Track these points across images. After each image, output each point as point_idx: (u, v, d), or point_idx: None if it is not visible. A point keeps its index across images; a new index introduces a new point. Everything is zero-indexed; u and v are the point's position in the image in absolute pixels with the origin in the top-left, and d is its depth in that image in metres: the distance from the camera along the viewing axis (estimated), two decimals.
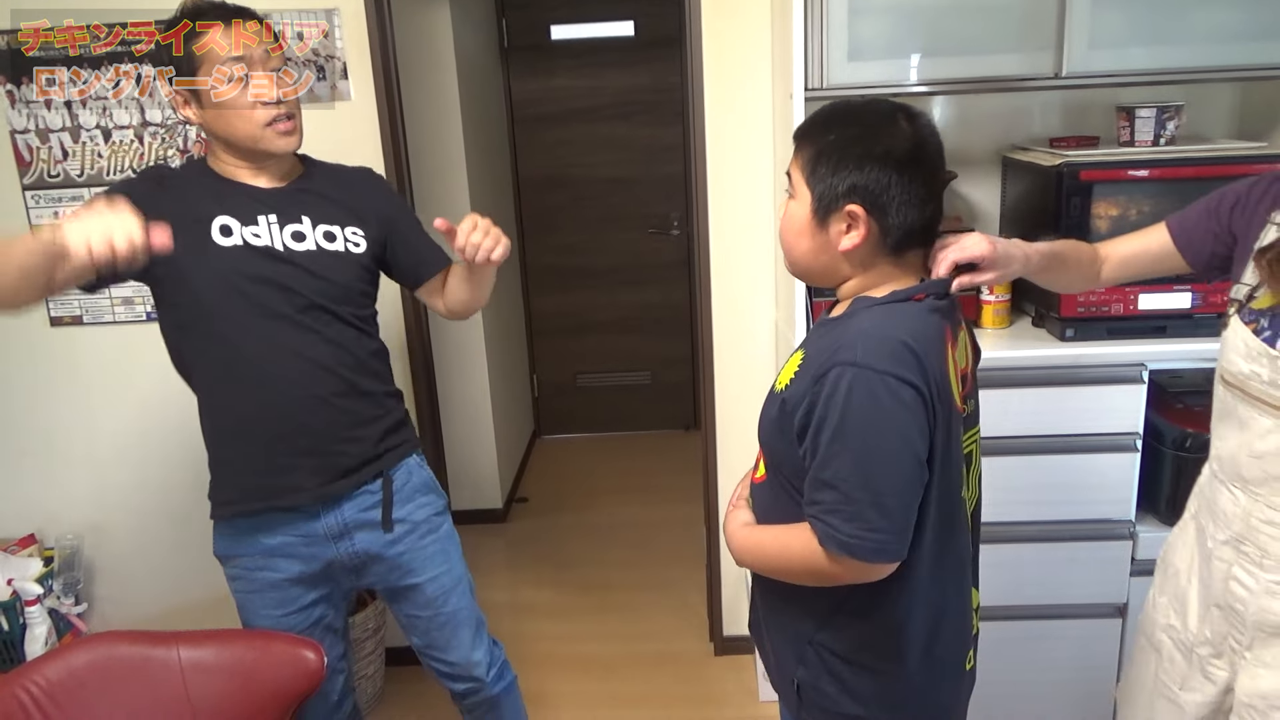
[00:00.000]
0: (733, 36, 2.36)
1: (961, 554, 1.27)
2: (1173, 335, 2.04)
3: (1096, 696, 2.22)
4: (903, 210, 1.16)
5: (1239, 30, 1.95)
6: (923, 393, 1.11)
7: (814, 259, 1.24)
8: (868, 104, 1.21)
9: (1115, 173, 1.97)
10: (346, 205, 1.71)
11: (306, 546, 1.73)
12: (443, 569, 1.83)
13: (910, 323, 1.16)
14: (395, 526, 1.76)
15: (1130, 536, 2.10)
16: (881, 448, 1.11)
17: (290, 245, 1.63)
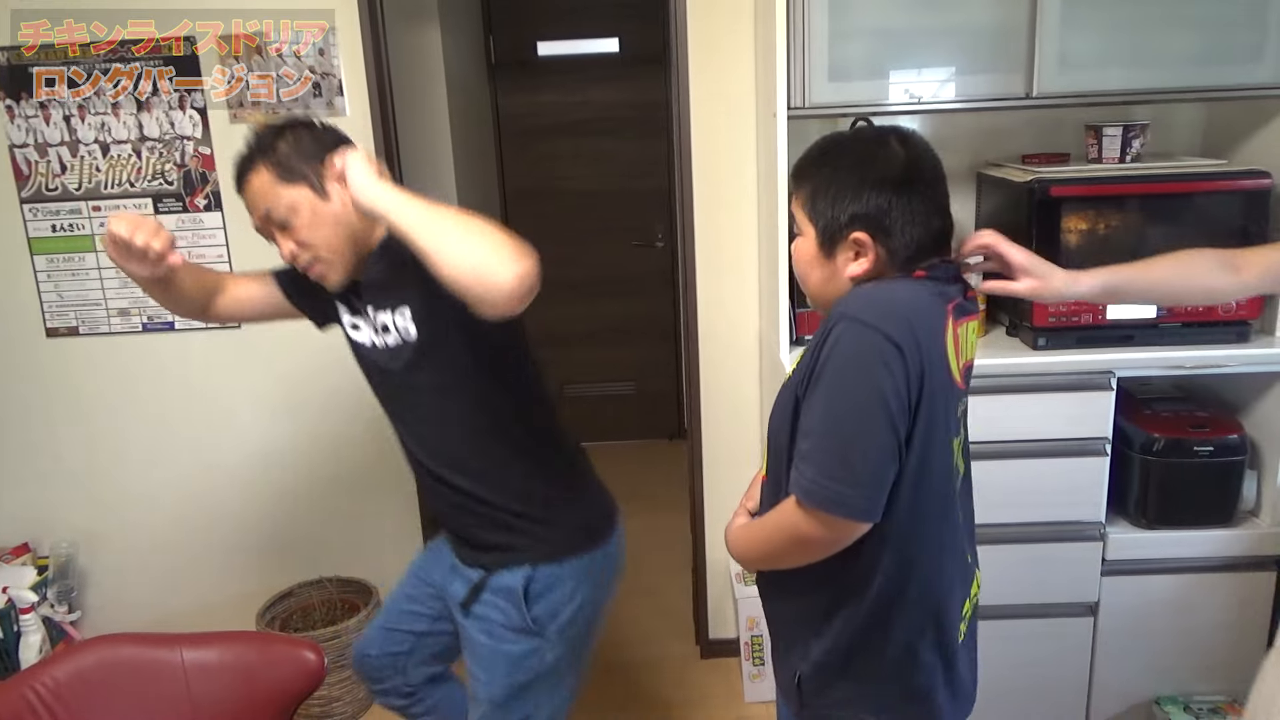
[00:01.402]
0: (717, 55, 2.44)
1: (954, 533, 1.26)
2: (1140, 344, 2.12)
3: (1068, 693, 2.29)
4: (907, 230, 1.18)
5: (1201, 54, 2.05)
6: (905, 354, 1.11)
7: (826, 287, 1.26)
8: (857, 133, 1.24)
9: (1084, 189, 2.06)
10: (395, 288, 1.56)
11: (442, 555, 1.78)
12: (480, 676, 1.69)
13: (906, 292, 1.18)
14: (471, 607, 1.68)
15: (1101, 538, 2.18)
16: (854, 398, 1.12)
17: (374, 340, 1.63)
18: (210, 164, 2.47)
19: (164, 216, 2.51)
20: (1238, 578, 2.20)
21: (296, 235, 1.50)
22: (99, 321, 2.59)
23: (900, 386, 1.11)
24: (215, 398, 2.65)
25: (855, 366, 1.12)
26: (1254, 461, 2.20)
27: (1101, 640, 2.25)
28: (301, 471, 2.72)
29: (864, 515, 1.14)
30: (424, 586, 1.84)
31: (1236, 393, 2.26)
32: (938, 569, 1.26)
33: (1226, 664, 2.25)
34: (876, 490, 1.14)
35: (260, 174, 1.49)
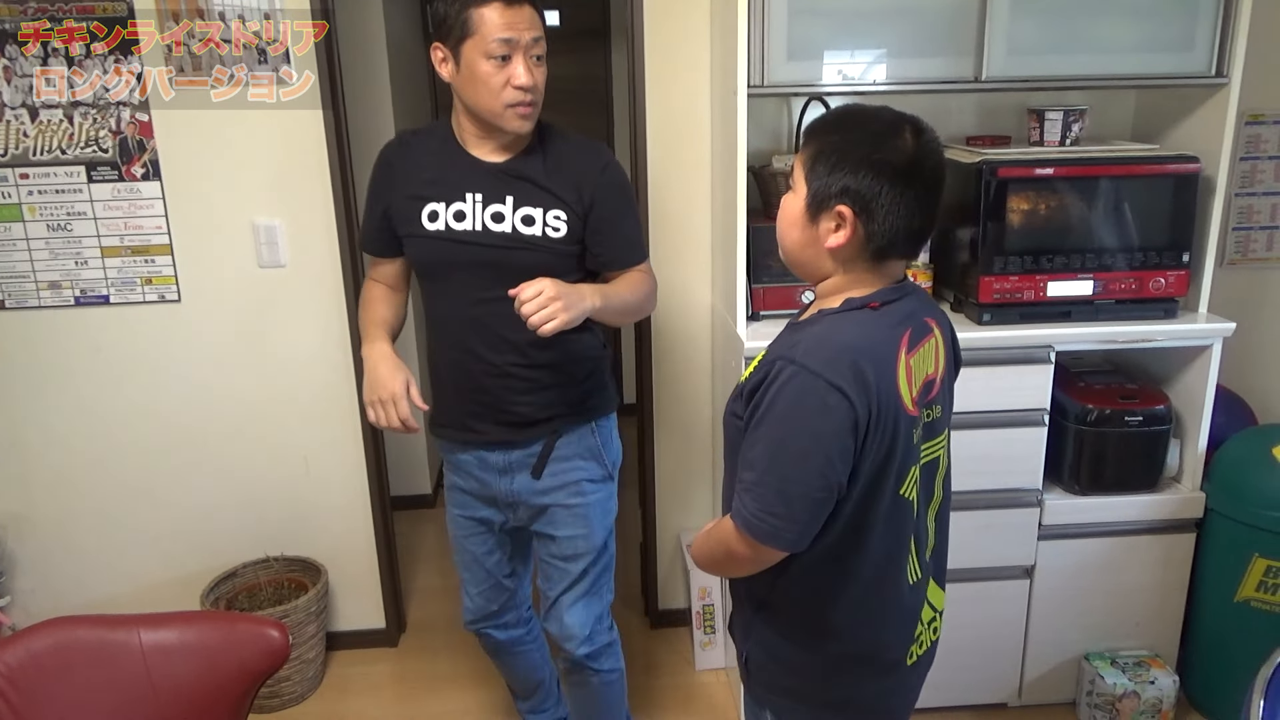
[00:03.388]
0: (671, 31, 2.45)
1: (896, 552, 1.30)
2: (1076, 319, 2.23)
3: (1004, 652, 2.41)
4: (889, 219, 1.19)
5: (1136, 43, 2.15)
6: (852, 401, 1.15)
7: (801, 250, 1.28)
8: (880, 112, 1.24)
9: (1029, 170, 2.15)
10: (556, 188, 1.76)
11: (480, 470, 1.92)
12: (579, 532, 1.93)
13: (860, 330, 1.21)
14: (545, 478, 1.90)
15: (1038, 504, 2.29)
16: (795, 442, 1.17)
17: (489, 225, 1.75)
18: (148, 130, 2.37)
19: (97, 185, 2.41)
20: (1161, 539, 2.34)
21: (537, 73, 1.68)
22: (27, 295, 2.48)
23: (841, 427, 1.16)
24: (150, 373, 2.56)
25: (799, 413, 1.17)
26: (1177, 430, 2.34)
27: (1036, 601, 2.37)
28: (242, 449, 2.65)
29: (794, 547, 1.23)
30: (480, 528, 1.99)
31: (1162, 365, 2.40)
32: (875, 590, 1.31)
33: (1150, 620, 2.40)
34: (810, 525, 1.21)
35: (534, 11, 1.66)
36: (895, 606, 1.33)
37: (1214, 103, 2.20)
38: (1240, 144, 2.59)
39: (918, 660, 1.39)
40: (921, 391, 1.26)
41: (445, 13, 1.65)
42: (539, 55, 1.68)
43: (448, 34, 1.65)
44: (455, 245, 1.76)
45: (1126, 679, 2.32)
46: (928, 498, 1.34)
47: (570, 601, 1.97)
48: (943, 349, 1.33)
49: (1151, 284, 2.21)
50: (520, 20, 1.63)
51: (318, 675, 2.72)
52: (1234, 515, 2.26)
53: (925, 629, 1.39)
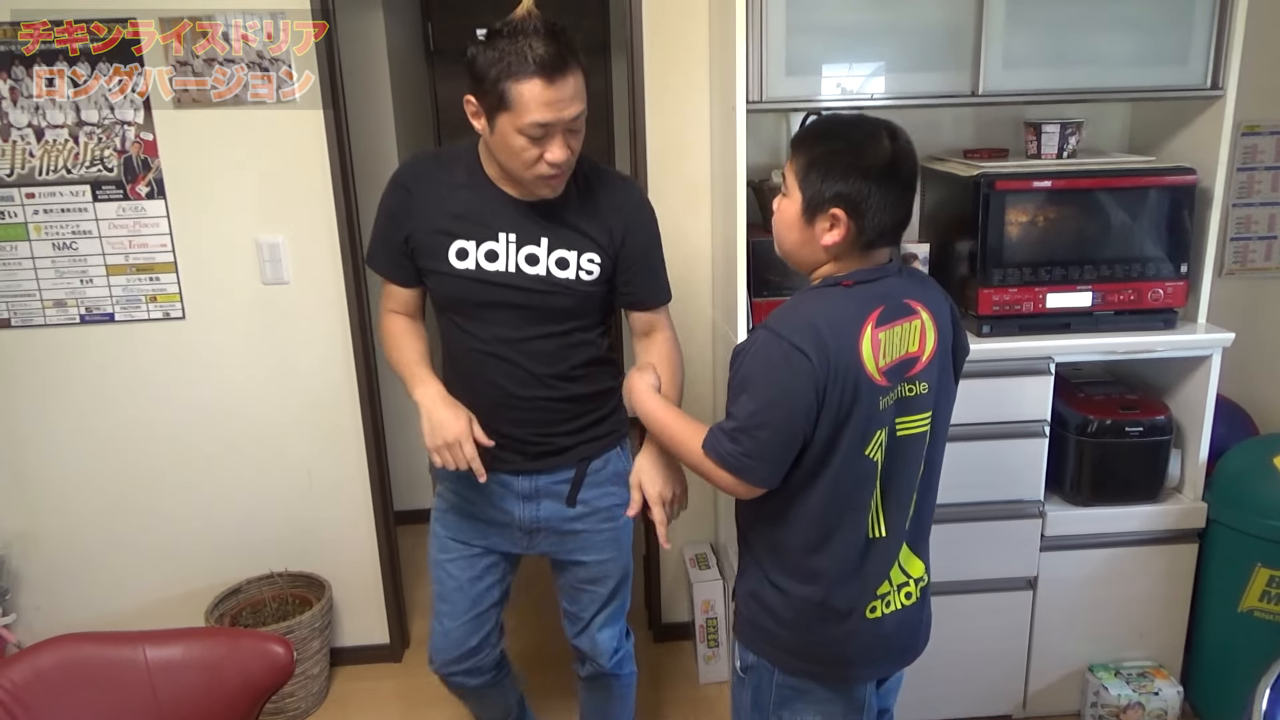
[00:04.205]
0: (672, 47, 2.47)
1: (858, 507, 1.42)
2: (1076, 331, 2.24)
3: (1009, 663, 2.41)
4: (878, 215, 1.36)
5: (1132, 56, 2.16)
6: (813, 362, 1.32)
7: (798, 249, 1.44)
8: (858, 121, 1.40)
9: (1027, 183, 2.16)
10: (590, 229, 1.70)
11: (500, 498, 1.83)
12: (610, 555, 1.92)
13: (826, 304, 1.38)
14: (578, 505, 1.85)
15: (1040, 515, 2.29)
16: (768, 394, 1.36)
17: (523, 268, 1.68)
18: (153, 150, 2.40)
19: (102, 204, 2.43)
20: (1164, 550, 2.34)
21: (574, 143, 1.58)
22: (33, 313, 2.49)
23: (805, 385, 1.33)
24: (154, 391, 2.58)
25: (769, 370, 1.36)
26: (1178, 441, 2.34)
27: (1040, 612, 2.37)
28: (246, 465, 2.66)
29: (762, 480, 1.40)
30: (473, 554, 1.90)
31: (1162, 376, 2.40)
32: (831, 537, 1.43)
33: (1154, 631, 2.40)
34: (778, 465, 1.39)
35: (578, 76, 1.53)
36: (849, 556, 1.44)
37: (1210, 115, 2.22)
38: (1237, 155, 2.60)
39: (883, 618, 1.48)
40: (897, 366, 1.38)
41: (482, 72, 1.51)
42: (578, 127, 1.58)
43: (482, 95, 1.53)
44: (487, 286, 1.68)
45: (1130, 690, 2.32)
46: (909, 468, 1.45)
47: (602, 621, 1.98)
48: (932, 331, 1.42)
49: (1150, 295, 2.22)
50: (563, 97, 1.50)
51: (322, 691, 2.72)
52: (1236, 525, 2.26)
53: (894, 591, 1.49)
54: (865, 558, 1.45)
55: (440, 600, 1.92)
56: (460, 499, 1.87)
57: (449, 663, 1.93)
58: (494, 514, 1.85)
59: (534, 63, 1.47)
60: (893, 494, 1.44)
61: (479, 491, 1.81)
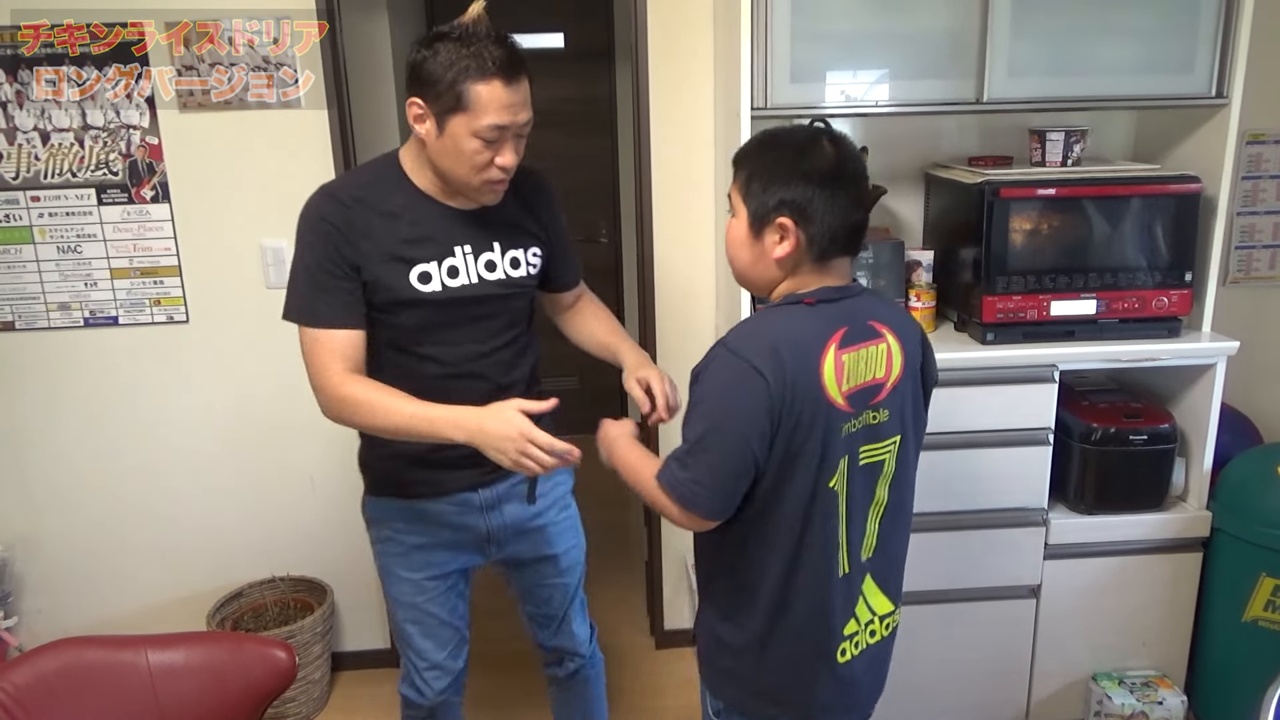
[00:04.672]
0: (677, 54, 2.47)
1: (823, 542, 1.34)
2: (1080, 339, 2.24)
3: (1011, 672, 2.41)
4: (826, 219, 1.30)
5: (1137, 64, 2.16)
6: (769, 382, 1.25)
7: (752, 268, 1.38)
8: (795, 129, 1.36)
9: (1031, 191, 2.16)
10: (528, 224, 1.73)
11: (460, 516, 1.78)
12: (574, 543, 1.94)
13: (786, 322, 1.32)
14: (538, 500, 1.83)
15: (1043, 523, 2.29)
16: (718, 418, 1.29)
17: (484, 276, 1.66)
18: (158, 154, 2.40)
19: (107, 208, 2.43)
20: (1168, 559, 2.34)
21: (519, 149, 1.57)
22: (37, 316, 2.50)
23: (758, 408, 1.26)
24: (158, 394, 2.58)
25: (723, 390, 1.29)
26: (1182, 449, 2.34)
27: (1043, 621, 2.36)
28: (248, 469, 2.66)
29: (709, 511, 1.33)
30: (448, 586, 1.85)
31: (1166, 384, 2.40)
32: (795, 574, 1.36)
33: (1158, 640, 2.39)
34: (730, 495, 1.32)
35: (528, 83, 1.54)
36: (816, 594, 1.37)
37: (1214, 123, 2.21)
38: (1241, 164, 2.60)
39: (852, 661, 1.41)
40: (862, 392, 1.33)
41: (434, 73, 1.48)
42: (525, 133, 1.58)
43: (434, 98, 1.50)
44: (455, 305, 1.64)
45: (1134, 699, 2.31)
46: (866, 498, 1.38)
47: (575, 611, 1.99)
48: (898, 356, 1.37)
49: (1155, 303, 2.22)
50: (518, 101, 1.51)
51: (323, 696, 2.71)
52: (1240, 534, 2.25)
53: (862, 630, 1.42)
54: (832, 596, 1.37)
55: (425, 639, 1.86)
56: (420, 536, 1.80)
57: (442, 691, 1.92)
58: (457, 536, 1.81)
59: (493, 65, 1.47)
60: (855, 526, 1.37)
61: (437, 521, 1.78)
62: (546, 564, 1.91)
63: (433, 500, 1.76)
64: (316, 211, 1.59)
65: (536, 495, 1.81)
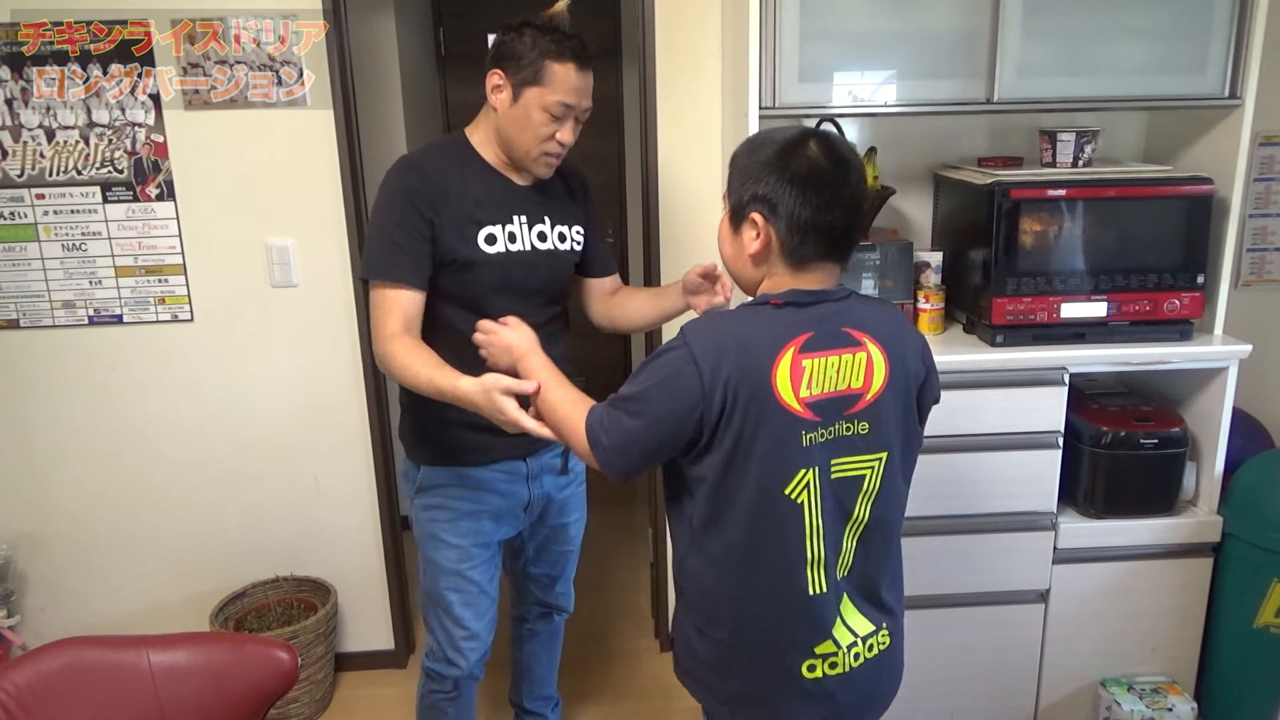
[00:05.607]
0: (684, 53, 2.46)
1: (782, 554, 1.32)
2: (1090, 341, 2.21)
3: (1020, 677, 2.38)
4: (797, 219, 1.29)
5: (1148, 64, 2.14)
6: (703, 376, 1.25)
7: (733, 263, 1.42)
8: (788, 129, 1.36)
9: (1042, 192, 2.14)
10: (572, 206, 1.93)
11: (508, 483, 1.92)
12: (582, 513, 2.16)
13: (744, 323, 1.32)
14: (570, 471, 2.05)
15: (1053, 527, 2.27)
16: (649, 392, 1.30)
17: (536, 245, 1.84)
18: (163, 151, 2.39)
19: (112, 205, 2.43)
20: (1178, 564, 2.31)
21: (576, 132, 1.77)
22: (41, 314, 2.49)
23: (686, 397, 1.27)
24: (162, 393, 2.57)
25: (664, 371, 1.30)
26: (1193, 453, 2.32)
27: (1051, 625, 2.34)
28: (252, 469, 2.65)
29: (610, 467, 1.35)
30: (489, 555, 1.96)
31: (1177, 387, 2.38)
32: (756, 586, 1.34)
33: (1168, 645, 2.37)
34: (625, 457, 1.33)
35: (592, 77, 1.74)
36: (783, 609, 1.35)
37: (1227, 124, 2.19)
38: (1254, 165, 2.58)
39: (826, 679, 1.37)
40: (832, 401, 1.29)
41: (518, 50, 1.68)
42: (584, 119, 1.78)
43: (516, 70, 1.69)
44: (515, 268, 1.80)
45: (1144, 706, 2.29)
46: (841, 513, 1.34)
47: (572, 571, 2.22)
48: (881, 367, 1.33)
49: (1166, 306, 2.20)
50: (586, 87, 1.73)
51: (326, 696, 2.70)
52: (1252, 540, 2.23)
53: (843, 652, 1.37)
54: (799, 611, 1.34)
55: (464, 607, 1.93)
56: (471, 503, 1.90)
57: (475, 663, 1.99)
58: (504, 503, 1.93)
59: (571, 51, 1.69)
60: (831, 544, 1.33)
61: (488, 488, 1.90)
62: (560, 531, 2.10)
63: (484, 467, 1.89)
64: (398, 178, 1.76)
65: (569, 467, 2.02)
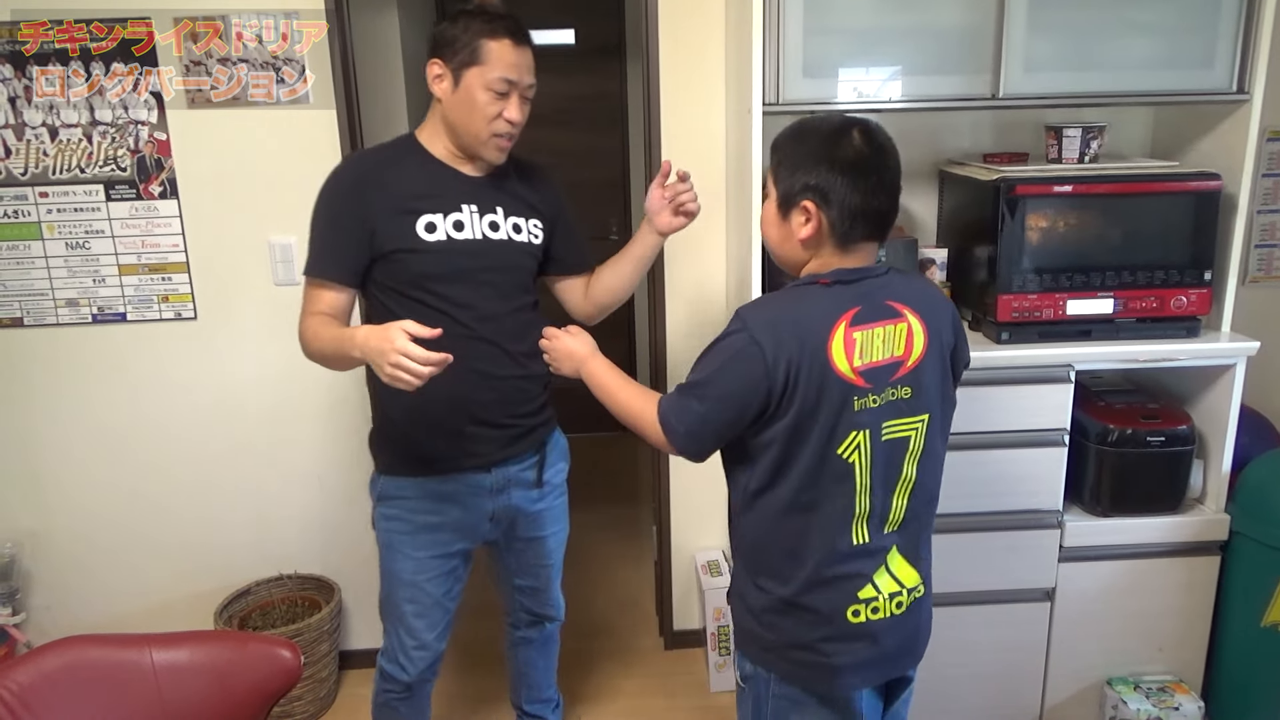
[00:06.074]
0: (688, 49, 2.45)
1: (834, 509, 1.41)
2: (1097, 338, 2.20)
3: (1025, 675, 2.37)
4: (847, 205, 1.38)
5: (1155, 60, 2.13)
6: (766, 355, 1.35)
7: (780, 246, 1.49)
8: (829, 118, 1.44)
9: (1048, 188, 2.12)
10: (531, 199, 1.91)
11: (470, 496, 1.90)
12: (561, 525, 2.12)
13: (797, 302, 1.41)
14: (543, 485, 2.00)
15: (1058, 525, 2.25)
16: (714, 375, 1.41)
17: (488, 234, 1.82)
18: (166, 149, 2.39)
19: (115, 204, 2.42)
20: (1185, 562, 2.30)
21: (524, 110, 1.77)
22: (45, 313, 2.49)
23: (752, 377, 1.36)
24: (166, 391, 2.57)
25: (725, 355, 1.40)
26: (1200, 451, 2.30)
27: (1057, 624, 2.33)
28: (256, 466, 2.65)
29: (682, 447, 1.47)
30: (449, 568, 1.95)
31: (1184, 385, 2.36)
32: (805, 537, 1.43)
33: (1175, 644, 2.36)
34: (703, 443, 1.45)
35: (532, 55, 1.76)
36: (830, 559, 1.43)
37: (1235, 120, 2.18)
38: (1262, 161, 2.56)
39: (867, 623, 1.45)
40: (880, 369, 1.39)
41: (454, 36, 1.71)
42: (530, 96, 1.78)
43: (452, 55, 1.72)
44: (459, 255, 1.78)
45: (1150, 705, 2.28)
46: (892, 473, 1.43)
47: (556, 581, 2.18)
48: (920, 335, 1.42)
49: (1173, 302, 2.19)
50: (524, 62, 1.74)
51: (330, 694, 2.70)
52: (1260, 538, 2.22)
53: (883, 599, 1.46)
54: (846, 561, 1.43)
55: (417, 618, 1.95)
56: (431, 514, 1.90)
57: (424, 670, 2.01)
58: (465, 516, 1.92)
59: (505, 28, 1.71)
60: (877, 499, 1.43)
61: (450, 499, 1.89)
62: (537, 545, 2.07)
63: (446, 478, 1.88)
64: (332, 178, 1.79)
65: (544, 480, 1.98)
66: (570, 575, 3.30)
